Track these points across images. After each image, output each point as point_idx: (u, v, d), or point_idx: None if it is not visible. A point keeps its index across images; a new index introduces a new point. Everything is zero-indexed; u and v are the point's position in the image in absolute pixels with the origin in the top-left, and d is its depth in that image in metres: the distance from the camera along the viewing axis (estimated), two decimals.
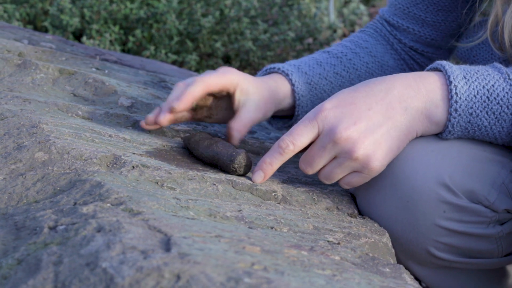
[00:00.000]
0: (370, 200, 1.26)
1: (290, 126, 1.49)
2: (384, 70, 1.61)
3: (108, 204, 0.97)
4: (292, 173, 1.36)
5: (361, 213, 1.28)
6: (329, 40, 3.15)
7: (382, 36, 1.63)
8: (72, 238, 0.86)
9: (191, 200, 1.08)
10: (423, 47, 1.59)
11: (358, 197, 1.29)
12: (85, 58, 1.70)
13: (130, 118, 1.40)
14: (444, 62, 1.23)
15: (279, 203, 1.20)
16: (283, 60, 3.13)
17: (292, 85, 1.45)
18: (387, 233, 1.20)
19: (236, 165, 1.22)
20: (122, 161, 1.16)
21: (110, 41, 2.80)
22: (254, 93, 1.38)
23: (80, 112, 1.37)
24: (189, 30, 2.85)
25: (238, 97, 1.36)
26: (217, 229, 0.95)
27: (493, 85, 1.20)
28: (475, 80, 1.21)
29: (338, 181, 1.23)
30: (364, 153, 1.17)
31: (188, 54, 2.84)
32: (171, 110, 1.28)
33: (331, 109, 1.19)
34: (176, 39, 2.81)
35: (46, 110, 1.33)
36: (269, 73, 1.48)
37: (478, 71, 1.22)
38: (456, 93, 1.19)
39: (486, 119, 1.20)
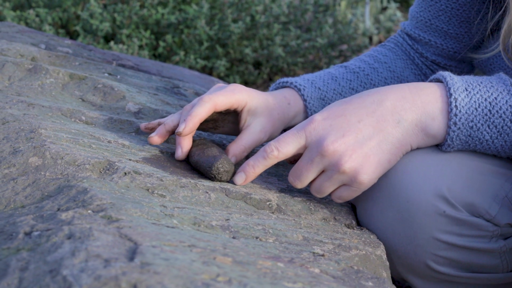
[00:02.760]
0: (368, 211, 1.24)
1: None
2: None
3: (89, 211, 0.97)
4: None
5: (360, 224, 1.27)
6: (360, 47, 3.12)
7: (402, 51, 1.59)
8: (43, 244, 0.87)
9: (178, 208, 1.08)
10: (445, 60, 1.55)
11: (357, 208, 1.28)
12: (100, 63, 1.72)
13: (134, 124, 1.40)
14: (445, 73, 1.21)
15: (272, 213, 1.19)
16: (315, 67, 3.11)
17: (304, 100, 1.42)
18: (382, 245, 1.18)
19: (214, 172, 1.21)
20: (115, 167, 1.16)
21: (140, 46, 2.82)
22: (262, 113, 1.34)
23: (83, 117, 1.38)
24: (220, 35, 2.86)
25: (244, 117, 1.33)
26: (194, 238, 0.94)
27: (495, 98, 1.17)
28: (477, 93, 1.18)
29: (329, 194, 1.21)
30: (351, 167, 1.15)
31: (217, 60, 2.84)
32: (178, 135, 1.26)
33: (320, 121, 1.17)
34: (206, 44, 2.81)
35: (49, 115, 1.34)
36: (282, 87, 1.45)
37: (481, 82, 1.19)
38: (456, 106, 1.16)
39: (487, 133, 1.18)
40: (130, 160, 1.22)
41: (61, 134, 1.24)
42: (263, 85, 3.06)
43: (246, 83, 3.06)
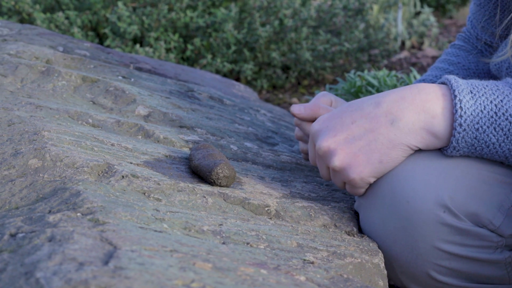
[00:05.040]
0: (369, 218, 1.23)
1: None
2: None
3: (78, 214, 0.98)
4: (297, 187, 1.34)
5: (362, 231, 1.25)
6: (390, 51, 3.09)
7: (471, 45, 1.64)
8: (24, 246, 0.87)
9: (171, 212, 1.08)
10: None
11: (360, 215, 1.26)
12: (115, 66, 1.73)
13: (141, 128, 1.41)
14: (450, 76, 1.19)
15: (270, 218, 1.18)
16: (344, 71, 3.09)
17: None
18: (380, 254, 1.17)
19: (214, 177, 1.21)
20: (114, 170, 1.16)
21: (169, 49, 2.83)
22: None
23: (90, 120, 1.39)
24: (247, 39, 2.86)
25: None
26: (178, 243, 0.94)
27: (501, 100, 1.15)
28: (483, 95, 1.16)
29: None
30: (340, 165, 1.19)
31: (245, 64, 2.84)
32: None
33: (318, 122, 1.23)
34: (233, 48, 2.81)
35: (56, 117, 1.36)
36: None
37: (486, 85, 1.17)
38: (460, 107, 1.15)
39: (494, 136, 1.15)
40: (130, 163, 1.22)
41: (64, 136, 1.25)
42: (291, 89, 3.05)
43: (274, 87, 3.05)
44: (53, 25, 2.72)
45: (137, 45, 2.65)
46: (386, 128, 1.16)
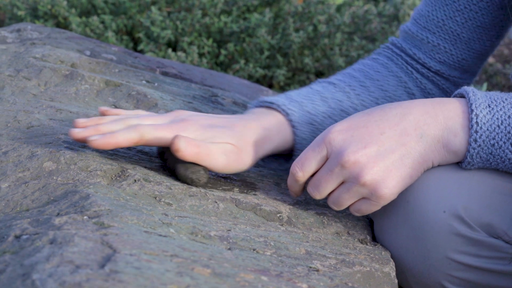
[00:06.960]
0: (383, 226, 1.22)
1: (287, 169, 1.31)
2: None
3: (85, 217, 0.99)
4: None
5: (376, 240, 1.24)
6: None
7: (398, 66, 1.51)
8: (26, 248, 0.88)
9: (180, 217, 1.08)
10: (450, 70, 1.48)
11: (374, 223, 1.25)
12: (140, 70, 1.74)
13: None
14: (468, 88, 1.18)
15: (282, 225, 1.18)
16: None
17: (293, 126, 1.33)
18: (392, 262, 1.16)
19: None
20: (127, 174, 1.17)
21: (202, 54, 2.84)
22: None
23: None
24: (281, 45, 2.86)
25: None
26: (181, 248, 0.94)
27: None
28: (501, 109, 1.14)
29: (348, 207, 1.19)
30: (372, 179, 1.12)
31: (277, 69, 2.84)
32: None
33: (340, 132, 1.15)
34: (266, 53, 2.82)
35: None
36: (267, 107, 1.34)
37: (505, 99, 1.16)
38: (476, 122, 1.13)
39: (510, 152, 1.14)
40: (145, 167, 1.23)
41: None
42: None
43: None
44: (88, 29, 2.76)
45: (169, 50, 2.66)
46: (416, 143, 1.13)
